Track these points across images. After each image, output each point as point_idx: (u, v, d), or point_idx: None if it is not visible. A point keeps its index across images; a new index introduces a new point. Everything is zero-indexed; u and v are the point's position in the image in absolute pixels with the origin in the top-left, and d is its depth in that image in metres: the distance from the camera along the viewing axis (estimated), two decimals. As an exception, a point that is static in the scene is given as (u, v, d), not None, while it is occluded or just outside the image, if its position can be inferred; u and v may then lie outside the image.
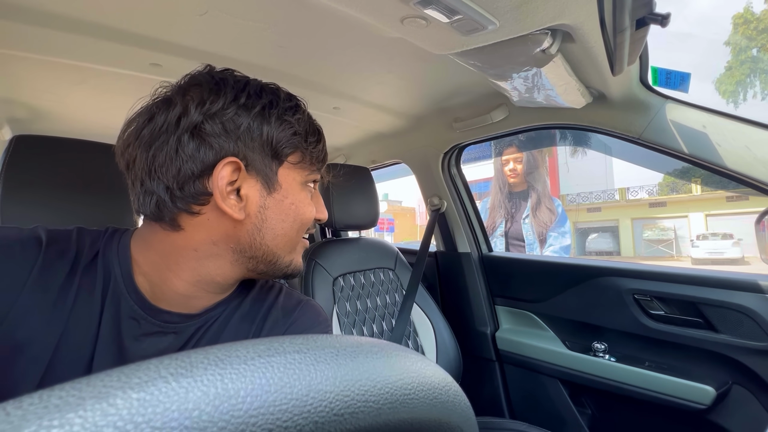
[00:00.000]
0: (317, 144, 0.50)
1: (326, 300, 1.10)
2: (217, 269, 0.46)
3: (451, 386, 0.20)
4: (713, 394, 0.89)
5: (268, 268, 0.49)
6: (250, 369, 0.13)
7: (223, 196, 0.43)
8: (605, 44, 0.57)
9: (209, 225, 0.44)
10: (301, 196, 0.49)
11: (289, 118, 0.46)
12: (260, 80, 0.48)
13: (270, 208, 0.46)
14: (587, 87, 0.87)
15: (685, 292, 0.97)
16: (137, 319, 0.44)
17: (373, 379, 0.16)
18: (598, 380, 1.09)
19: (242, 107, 0.43)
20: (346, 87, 1.10)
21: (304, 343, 0.16)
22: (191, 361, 0.13)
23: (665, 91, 0.88)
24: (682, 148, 0.87)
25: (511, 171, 1.91)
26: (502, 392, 1.34)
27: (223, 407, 0.12)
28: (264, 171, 0.45)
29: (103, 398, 0.11)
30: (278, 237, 0.47)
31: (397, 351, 0.19)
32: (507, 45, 0.65)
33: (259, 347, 0.14)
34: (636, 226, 17.02)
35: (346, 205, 1.20)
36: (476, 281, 1.42)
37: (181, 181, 0.42)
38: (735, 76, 14.77)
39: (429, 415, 0.18)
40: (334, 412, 0.14)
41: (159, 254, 0.45)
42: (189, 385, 0.12)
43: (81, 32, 0.75)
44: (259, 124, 0.44)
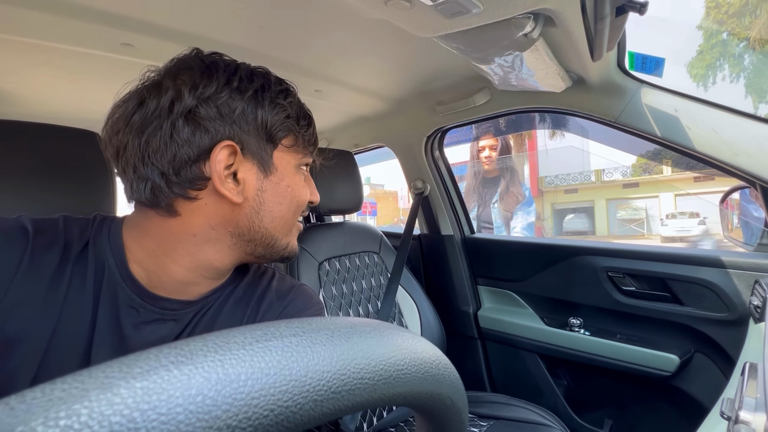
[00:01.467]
0: (308, 127, 0.51)
1: (312, 284, 1.11)
2: (215, 254, 0.46)
3: (441, 360, 0.21)
4: (677, 361, 0.96)
5: (266, 251, 0.49)
6: (249, 354, 0.13)
7: (221, 180, 0.43)
8: (586, 30, 0.58)
9: (207, 210, 0.44)
10: (296, 178, 0.50)
11: (281, 101, 0.46)
12: (249, 64, 0.48)
13: (267, 191, 0.46)
14: (567, 71, 0.89)
15: (654, 269, 1.03)
16: (136, 308, 0.44)
17: (368, 357, 0.16)
18: (573, 353, 1.15)
19: (236, 91, 0.43)
20: (328, 69, 1.08)
21: (300, 326, 0.16)
22: (191, 349, 0.13)
23: (641, 76, 0.91)
24: (655, 132, 0.90)
25: (486, 158, 1.95)
26: (484, 367, 1.40)
27: (225, 391, 0.12)
28: (260, 154, 0.45)
29: (107, 388, 0.11)
30: (276, 219, 0.48)
31: (389, 329, 0.20)
32: (490, 28, 0.65)
33: (257, 332, 0.15)
34: (611, 206, 17.62)
35: (330, 190, 1.20)
36: (459, 262, 1.45)
37: (177, 167, 0.42)
38: (706, 60, 15.20)
39: (421, 388, 0.19)
40: (332, 390, 0.15)
41: (155, 241, 0.44)
42: (191, 372, 0.12)
43: (46, 10, 0.71)
44: (253, 107, 0.44)
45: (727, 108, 0.83)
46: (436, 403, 0.20)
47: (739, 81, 14.75)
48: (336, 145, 1.76)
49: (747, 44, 13.51)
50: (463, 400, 0.23)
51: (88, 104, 1.16)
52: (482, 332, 1.40)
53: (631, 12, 0.53)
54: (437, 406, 0.21)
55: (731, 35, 14.32)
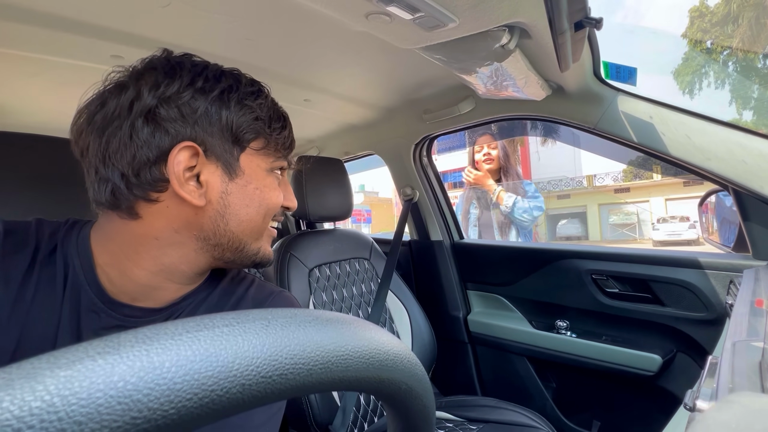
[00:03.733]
0: (282, 130, 0.49)
1: (302, 291, 1.12)
2: (181, 257, 0.45)
3: (391, 347, 0.22)
4: (660, 361, 0.98)
5: (235, 256, 0.48)
6: (176, 343, 0.15)
7: (181, 182, 0.42)
8: (554, 42, 0.61)
9: (169, 212, 0.43)
10: (266, 182, 0.48)
11: (250, 102, 0.45)
12: (221, 65, 0.47)
13: (232, 194, 0.45)
14: (546, 80, 0.92)
15: (637, 271, 1.06)
16: (97, 312, 0.43)
17: (302, 344, 0.17)
18: (560, 355, 1.17)
19: (199, 91, 0.42)
20: (316, 79, 1.10)
21: (236, 317, 0.17)
22: (120, 341, 0.14)
23: (617, 84, 0.95)
24: (632, 138, 0.94)
25: (485, 156, 1.95)
26: (474, 371, 1.41)
27: (148, 377, 0.13)
28: (224, 156, 0.44)
29: (31, 377, 0.12)
30: (243, 223, 0.46)
31: (335, 319, 0.20)
32: (468, 41, 0.68)
33: (189, 324, 0.16)
34: (603, 211, 17.83)
35: (320, 197, 1.21)
36: (449, 268, 1.47)
37: (137, 168, 0.41)
38: (691, 67, 15.57)
39: (367, 374, 0.20)
40: (262, 374, 0.16)
41: (117, 244, 0.44)
42: (115, 361, 0.13)
43: (36, 23, 0.72)
44: (217, 108, 0.43)
45: (699, 114, 0.86)
46: (389, 388, 0.21)
47: (724, 87, 15.09)
48: (326, 153, 1.79)
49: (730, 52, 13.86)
50: (421, 385, 0.23)
51: (78, 115, 1.17)
52: (472, 336, 1.42)
53: (588, 27, 0.56)
54: (391, 391, 0.22)
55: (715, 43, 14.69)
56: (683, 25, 15.42)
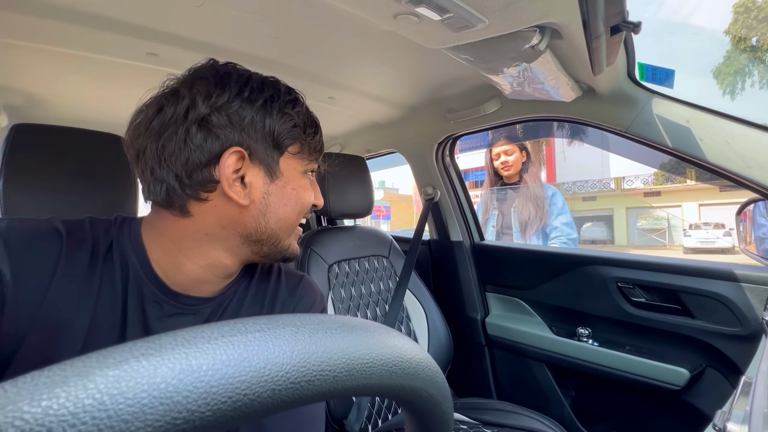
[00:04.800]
0: (315, 135, 0.53)
1: (321, 287, 1.14)
2: (226, 252, 0.50)
3: (412, 354, 0.22)
4: (687, 376, 0.94)
5: (271, 251, 0.52)
6: (212, 347, 0.15)
7: (230, 183, 0.45)
8: (587, 44, 0.59)
9: (217, 211, 0.47)
10: (301, 183, 0.52)
11: (289, 111, 0.49)
12: (261, 74, 0.51)
13: (273, 194, 0.49)
14: (576, 81, 0.89)
15: (666, 281, 1.01)
16: (159, 303, 0.47)
17: (329, 351, 0.18)
18: (581, 363, 1.14)
19: (246, 100, 0.46)
20: (342, 77, 1.11)
21: (267, 323, 0.18)
22: (161, 343, 0.15)
23: (652, 87, 0.91)
24: (666, 142, 0.90)
25: (503, 164, 1.90)
26: (491, 374, 1.40)
27: (187, 380, 0.14)
28: (266, 160, 0.48)
29: (83, 375, 0.13)
30: (281, 221, 0.50)
31: (359, 326, 0.21)
32: (497, 41, 0.67)
33: (224, 328, 0.16)
34: (630, 215, 17.19)
35: (342, 194, 1.22)
36: (468, 269, 1.46)
37: (190, 170, 0.45)
38: (733, 66, 14.72)
39: (389, 381, 0.20)
40: (291, 380, 0.16)
41: (171, 240, 0.48)
42: (157, 363, 0.14)
43: (78, 22, 0.76)
44: (262, 116, 0.47)
45: (740, 119, 0.82)
46: (410, 395, 0.22)
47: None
48: (349, 150, 1.80)
49: (777, 50, 13.04)
50: (441, 393, 0.24)
51: (114, 109, 1.22)
52: (490, 339, 1.40)
53: (626, 30, 0.54)
54: (411, 397, 0.22)
55: (761, 40, 13.84)
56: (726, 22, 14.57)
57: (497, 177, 1.93)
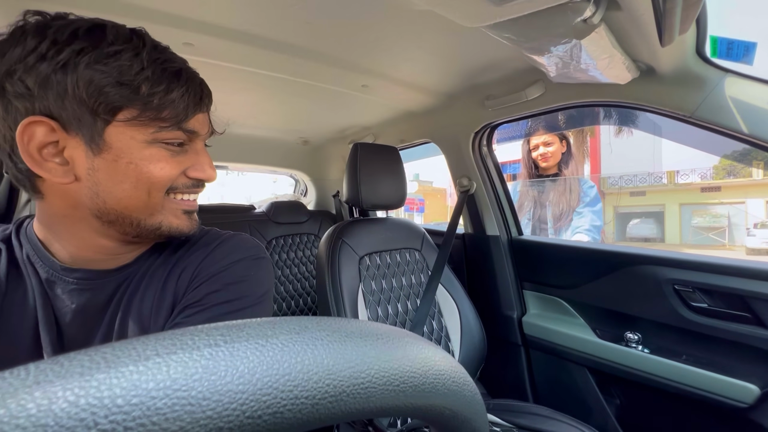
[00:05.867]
0: (166, 94, 0.41)
1: (352, 278, 1.12)
2: (94, 233, 0.45)
3: (429, 367, 0.18)
4: (757, 392, 0.84)
5: (137, 231, 0.45)
6: (138, 370, 0.12)
7: (36, 161, 0.39)
8: (654, 11, 0.51)
9: (56, 189, 0.42)
10: (143, 154, 0.42)
11: (102, 66, 0.38)
12: (94, 22, 0.40)
13: (100, 170, 0.41)
14: (634, 60, 0.80)
15: (733, 285, 0.90)
16: (54, 281, 0.45)
17: (306, 371, 0.14)
18: (629, 371, 1.05)
19: (41, 57, 0.37)
20: (375, 64, 1.07)
21: (225, 333, 0.14)
22: (70, 365, 0.11)
23: (726, 64, 0.80)
24: (740, 128, 0.79)
25: (541, 155, 1.80)
26: (527, 376, 1.33)
27: (89, 420, 0.10)
28: (83, 130, 0.39)
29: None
30: (122, 200, 0.43)
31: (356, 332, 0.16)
32: (544, 15, 0.60)
33: (163, 342, 0.13)
34: (684, 211, 15.91)
35: (374, 185, 1.20)
36: (504, 265, 1.39)
37: (10, 146, 0.39)
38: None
39: (395, 403, 0.16)
40: (248, 414, 0.12)
41: (45, 225, 0.46)
42: (54, 394, 0.10)
43: (118, 13, 0.78)
44: (63, 75, 0.37)
45: (838, 100, 0.69)
46: (429, 415, 0.18)
47: None
48: (382, 140, 1.77)
49: None
50: (470, 407, 0.20)
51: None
52: (526, 339, 1.33)
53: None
54: (431, 417, 0.18)
55: None
56: (808, -5, 12.94)
57: (535, 168, 1.83)
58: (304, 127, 1.78)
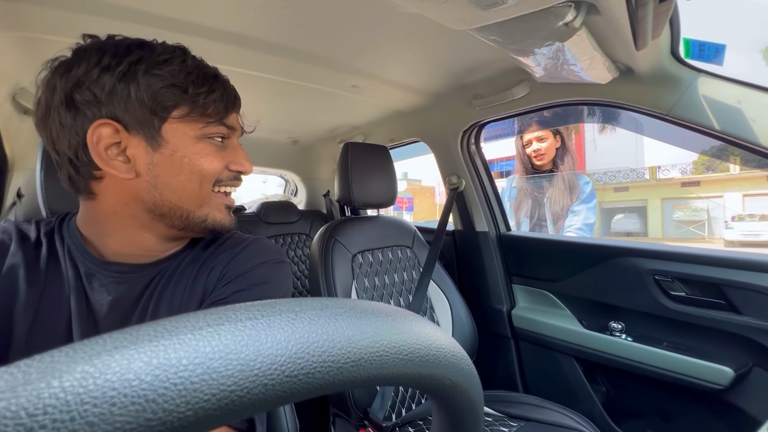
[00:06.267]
0: (209, 94, 0.47)
1: (345, 276, 1.14)
2: (140, 229, 0.49)
3: (431, 339, 0.20)
4: (732, 375, 0.89)
5: (184, 224, 0.50)
6: (195, 338, 0.13)
7: (104, 159, 0.44)
8: (630, 17, 0.55)
9: (113, 188, 0.47)
10: (195, 149, 0.48)
11: (158, 71, 0.45)
12: (142, 39, 0.47)
13: (159, 165, 0.46)
14: (613, 61, 0.84)
15: (709, 274, 0.95)
16: (93, 274, 0.49)
17: (331, 339, 0.16)
18: (613, 359, 1.09)
19: (105, 69, 0.43)
20: (365, 65, 1.09)
21: (262, 309, 0.16)
22: (138, 335, 0.13)
23: (698, 65, 0.84)
24: (713, 125, 0.83)
25: (535, 152, 1.81)
26: (517, 368, 1.37)
27: (163, 376, 0.12)
28: (144, 129, 0.45)
29: (48, 372, 0.11)
30: (177, 191, 0.48)
31: (368, 310, 0.18)
32: (528, 19, 0.63)
33: (211, 317, 0.15)
34: (666, 206, 16.33)
35: (365, 184, 1.22)
36: (493, 260, 1.43)
37: (75, 151, 0.45)
38: (786, 44, 13.54)
39: (405, 370, 0.18)
40: (286, 374, 0.14)
41: (91, 223, 0.50)
42: (131, 356, 0.12)
43: (110, 15, 0.78)
44: (125, 83, 0.44)
45: (801, 98, 0.74)
46: (432, 384, 0.20)
47: (828, 67, 13.03)
48: (372, 140, 1.78)
49: (839, 25, 11.93)
50: (467, 380, 0.22)
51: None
52: (516, 332, 1.37)
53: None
54: (434, 386, 0.20)
55: (819, 15, 12.70)
56: (779, -4, 13.40)
57: (530, 165, 1.83)
58: (294, 127, 1.79)
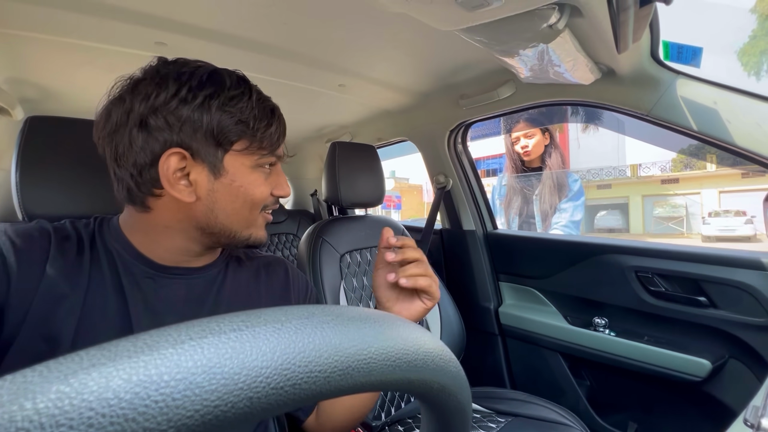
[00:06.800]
0: (267, 128, 0.52)
1: (333, 276, 1.14)
2: (188, 240, 0.53)
3: (418, 344, 0.20)
4: (709, 367, 0.92)
5: (229, 242, 0.55)
6: (177, 353, 0.13)
7: (171, 183, 0.48)
8: (611, 20, 0.56)
9: (171, 206, 0.50)
10: (250, 178, 0.52)
11: (230, 108, 0.48)
12: (210, 68, 0.51)
13: (218, 191, 0.50)
14: (596, 63, 0.85)
15: (686, 269, 0.98)
16: (152, 278, 0.52)
17: (318, 348, 0.16)
18: (597, 353, 1.12)
19: (183, 100, 0.47)
20: (352, 64, 1.09)
21: (246, 320, 0.15)
22: (117, 351, 0.13)
23: (677, 66, 0.86)
24: (691, 125, 0.86)
25: (523, 149, 1.82)
26: (504, 364, 1.39)
27: (143, 393, 0.12)
28: (209, 158, 0.49)
29: (20, 394, 0.11)
30: (230, 216, 0.52)
31: (357, 316, 0.18)
32: (513, 20, 0.64)
33: (194, 329, 0.14)
34: (647, 203, 16.79)
35: (353, 184, 1.21)
36: (480, 258, 1.44)
37: (139, 169, 0.48)
38: (759, 46, 14.05)
39: (393, 376, 0.18)
40: (272, 386, 0.14)
41: (141, 232, 0.53)
42: (110, 374, 0.12)
43: (86, 11, 0.76)
44: (199, 115, 0.47)
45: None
46: (420, 388, 0.20)
47: (798, 68, 13.53)
48: (359, 139, 1.78)
49: (808, 28, 12.40)
50: (455, 382, 0.22)
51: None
52: (503, 329, 1.39)
53: (657, 2, 0.50)
54: (422, 390, 0.20)
55: (790, 18, 13.17)
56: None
57: (520, 162, 1.84)
58: (280, 126, 1.77)
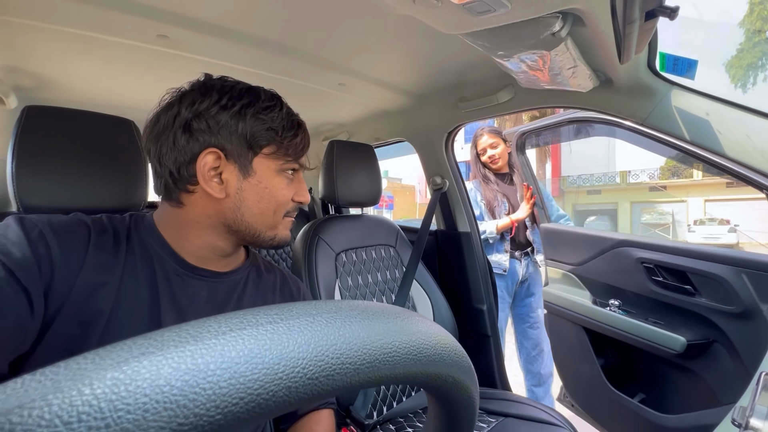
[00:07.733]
0: (293, 138, 0.58)
1: (329, 274, 1.14)
2: (216, 236, 0.58)
3: (437, 339, 0.20)
4: (684, 342, 1.05)
5: (254, 240, 0.60)
6: (220, 343, 0.14)
7: (206, 179, 0.53)
8: (615, 32, 0.57)
9: (202, 202, 0.56)
10: (275, 181, 0.58)
11: (263, 116, 0.55)
12: (248, 84, 0.58)
13: (246, 190, 0.56)
14: (595, 71, 0.87)
15: (678, 262, 1.09)
16: (181, 276, 0.56)
17: (348, 342, 0.16)
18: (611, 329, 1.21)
19: (223, 107, 0.53)
20: (353, 63, 1.09)
21: (280, 312, 0.16)
22: (163, 340, 0.13)
23: (672, 78, 0.89)
24: (684, 135, 0.88)
25: (490, 158, 1.85)
26: (496, 365, 1.41)
27: (193, 381, 0.13)
28: (240, 159, 0.55)
29: (78, 379, 0.11)
30: (256, 215, 0.57)
31: (381, 312, 0.19)
32: (517, 27, 0.65)
33: (232, 321, 0.15)
34: (635, 209, 17.08)
35: (349, 183, 1.21)
36: (474, 260, 1.46)
37: (178, 167, 0.54)
38: (746, 59, 14.39)
39: (414, 369, 0.19)
40: (308, 376, 0.15)
41: (174, 228, 0.57)
42: (160, 363, 0.12)
43: (88, 1, 0.75)
44: (236, 121, 0.54)
45: (762, 113, 0.80)
46: (436, 382, 0.21)
47: (783, 82, 13.91)
48: (357, 138, 1.78)
49: (794, 43, 12.73)
50: (467, 376, 0.23)
51: (124, 92, 1.21)
52: (495, 330, 1.41)
53: (662, 16, 0.52)
54: (437, 384, 0.21)
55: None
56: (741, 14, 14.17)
57: (488, 170, 1.89)
58: (277, 122, 1.76)
